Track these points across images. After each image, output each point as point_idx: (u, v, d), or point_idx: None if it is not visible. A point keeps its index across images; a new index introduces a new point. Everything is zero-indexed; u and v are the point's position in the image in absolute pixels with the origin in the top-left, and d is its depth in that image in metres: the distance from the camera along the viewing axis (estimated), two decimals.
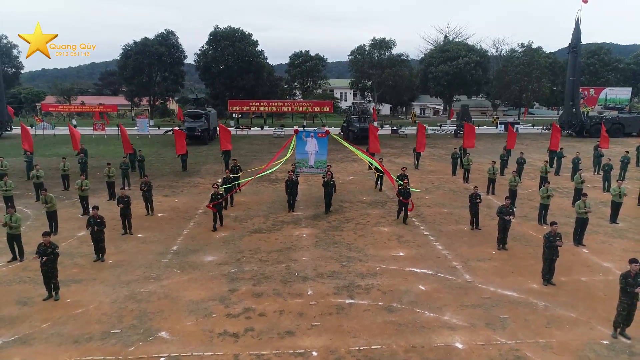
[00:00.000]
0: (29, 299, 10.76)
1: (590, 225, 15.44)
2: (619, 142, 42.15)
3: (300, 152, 19.79)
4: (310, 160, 19.75)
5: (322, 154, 19.78)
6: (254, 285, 11.62)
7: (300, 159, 19.90)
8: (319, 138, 19.66)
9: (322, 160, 19.86)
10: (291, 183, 18.09)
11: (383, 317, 10.00)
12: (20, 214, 17.75)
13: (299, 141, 19.62)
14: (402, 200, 16.59)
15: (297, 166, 19.80)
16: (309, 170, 20.21)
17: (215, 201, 15.48)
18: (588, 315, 10.13)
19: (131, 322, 9.76)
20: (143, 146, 37.16)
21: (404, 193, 16.43)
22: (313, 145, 19.51)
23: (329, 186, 17.77)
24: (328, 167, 19.66)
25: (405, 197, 16.42)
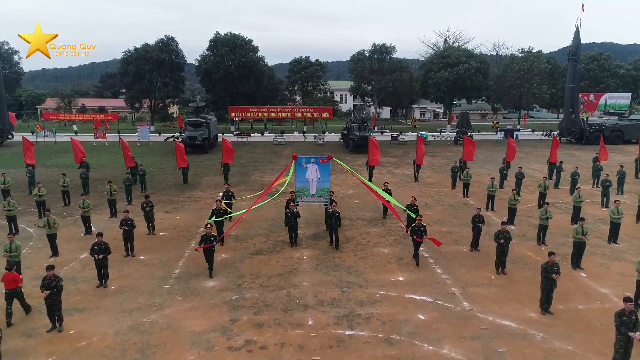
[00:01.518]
0: (33, 330, 10.91)
1: (589, 246, 15.56)
2: (618, 149, 42.37)
3: (300, 180, 17.88)
4: (311, 188, 17.86)
5: (324, 181, 17.84)
6: (255, 314, 11.76)
7: (300, 188, 17.95)
8: (321, 164, 17.72)
9: (325, 188, 17.96)
10: (292, 215, 16.35)
11: (382, 351, 10.14)
12: (23, 232, 18.06)
13: (298, 167, 17.73)
14: (415, 240, 14.68)
15: (297, 195, 17.93)
16: (311, 200, 18.12)
17: (207, 244, 13.58)
18: (585, 348, 10.27)
19: (134, 357, 9.90)
20: (144, 155, 37.58)
21: (418, 231, 14.59)
22: (314, 172, 17.67)
23: (333, 218, 16.15)
24: (331, 194, 18.32)
25: (419, 235, 14.60)
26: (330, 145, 45.94)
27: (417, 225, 14.68)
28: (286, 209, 17.14)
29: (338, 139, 49.91)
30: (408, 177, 29.70)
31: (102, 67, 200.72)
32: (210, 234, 13.68)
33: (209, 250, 13.65)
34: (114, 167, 32.51)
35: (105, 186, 20.55)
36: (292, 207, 16.40)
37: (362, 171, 31.28)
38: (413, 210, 16.45)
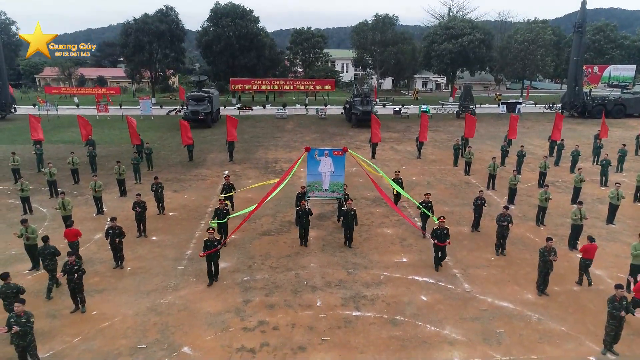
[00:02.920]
0: (57, 312, 11.55)
1: (586, 227, 16.07)
2: (620, 123, 42.49)
3: (312, 174, 16.61)
4: (324, 183, 16.67)
5: (338, 176, 16.64)
6: (266, 296, 12.38)
7: (312, 182, 16.73)
8: (335, 156, 16.44)
9: (339, 183, 16.75)
10: (303, 213, 15.13)
11: (388, 332, 10.79)
12: (37, 212, 18.56)
13: (311, 160, 16.43)
14: (436, 244, 13.58)
15: (309, 190, 16.77)
16: (323, 195, 17.01)
17: (210, 249, 12.55)
18: (578, 330, 10.92)
19: (155, 337, 10.56)
20: (147, 130, 37.71)
21: (440, 235, 13.44)
22: (328, 166, 16.41)
23: (348, 217, 15.06)
24: (345, 190, 17.32)
25: (441, 239, 13.45)
26: (333, 119, 45.99)
27: (440, 227, 13.49)
28: (297, 206, 16.36)
29: (340, 112, 49.82)
30: (410, 153, 30.01)
31: (99, 34, 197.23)
32: (213, 238, 12.69)
33: (214, 254, 12.78)
34: (118, 144, 32.76)
35: (114, 166, 20.89)
36: (304, 205, 15.25)
37: (364, 147, 31.67)
38: (427, 207, 15.62)
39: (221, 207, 15.12)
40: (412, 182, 23.38)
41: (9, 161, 22.61)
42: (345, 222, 15.27)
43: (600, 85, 60.72)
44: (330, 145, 32.79)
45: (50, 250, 12.23)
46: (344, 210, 15.34)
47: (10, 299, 10.21)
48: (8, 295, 10.26)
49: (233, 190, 18.01)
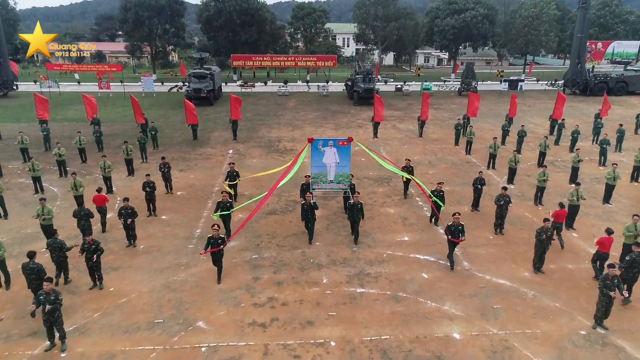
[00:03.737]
0: (77, 288, 12.14)
1: (583, 207, 16.55)
2: (621, 101, 42.60)
3: (317, 165, 16.16)
4: (329, 174, 16.22)
5: (344, 166, 16.19)
6: (275, 273, 12.97)
7: (316, 174, 16.26)
8: (340, 147, 15.98)
9: (345, 174, 16.29)
10: (308, 208, 14.44)
11: (391, 307, 11.40)
12: (48, 192, 19.04)
13: (315, 152, 15.98)
14: (451, 240, 13.03)
15: (313, 182, 16.31)
16: (328, 187, 16.64)
17: (214, 247, 12.09)
18: (571, 306, 11.52)
19: (171, 312, 11.17)
20: (150, 107, 37.89)
21: (455, 231, 12.89)
22: (332, 156, 15.98)
23: (355, 210, 14.41)
24: (352, 181, 16.89)
25: (456, 235, 12.89)
26: (335, 96, 46.02)
27: (455, 224, 12.83)
28: (301, 197, 16.07)
29: (342, 89, 49.80)
30: (412, 132, 30.30)
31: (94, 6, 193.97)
32: (217, 235, 12.06)
33: (218, 253, 12.27)
34: (122, 122, 32.99)
35: (122, 146, 21.24)
36: (309, 198, 14.52)
37: (366, 126, 31.94)
38: (439, 196, 15.19)
39: (224, 200, 14.40)
40: (414, 161, 23.62)
41: (17, 140, 22.94)
42: (351, 215, 14.54)
43: (603, 62, 60.37)
44: (333, 123, 33.07)
45: (85, 212, 14.01)
46: (350, 204, 14.52)
47: (32, 277, 10.79)
48: (31, 273, 10.81)
49: (237, 178, 17.51)
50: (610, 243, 12.36)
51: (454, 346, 10.07)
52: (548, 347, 10.06)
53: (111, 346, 9.97)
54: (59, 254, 12.01)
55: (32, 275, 10.88)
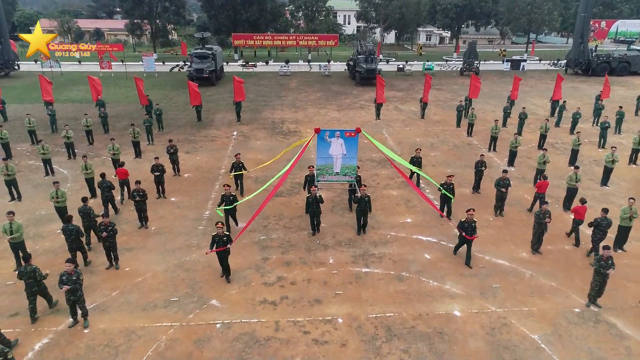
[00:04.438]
0: (95, 268, 12.68)
1: (581, 189, 16.98)
2: (623, 82, 42.62)
3: (323, 157, 15.36)
4: (335, 166, 15.45)
5: (351, 158, 15.42)
6: (283, 254, 13.50)
7: (322, 165, 15.49)
8: (347, 138, 15.17)
9: (351, 166, 15.50)
10: (313, 201, 14.16)
11: (394, 287, 11.96)
12: (58, 174, 19.45)
13: (321, 142, 15.22)
14: (464, 237, 12.69)
15: (319, 174, 15.64)
16: (334, 179, 15.81)
17: (220, 247, 11.69)
18: (566, 285, 12.08)
19: (185, 291, 11.73)
20: (152, 87, 37.93)
21: (468, 228, 12.56)
22: (339, 148, 15.23)
23: (362, 204, 14.14)
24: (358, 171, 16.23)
25: (469, 233, 12.57)
26: (337, 76, 45.96)
27: (468, 220, 12.57)
28: (304, 188, 15.99)
29: (343, 69, 49.65)
30: (414, 114, 30.51)
31: None
32: (223, 234, 11.65)
33: (223, 253, 11.87)
34: (126, 103, 33.14)
35: (129, 128, 21.55)
36: (314, 192, 14.19)
37: (369, 107, 32.13)
38: (449, 189, 14.82)
39: (227, 194, 14.09)
40: (416, 143, 24.08)
41: (24, 122, 23.22)
42: (359, 209, 14.24)
43: (606, 41, 59.96)
44: (335, 105, 33.23)
45: (107, 184, 15.14)
46: (357, 197, 14.20)
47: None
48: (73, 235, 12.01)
49: (244, 169, 17.18)
50: (584, 211, 13.88)
51: (455, 323, 10.65)
52: (544, 323, 10.63)
53: (130, 323, 10.55)
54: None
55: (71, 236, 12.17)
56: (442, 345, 9.94)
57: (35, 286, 10.28)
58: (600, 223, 12.86)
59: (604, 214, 12.91)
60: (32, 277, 10.16)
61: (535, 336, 10.23)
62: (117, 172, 16.79)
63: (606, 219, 12.86)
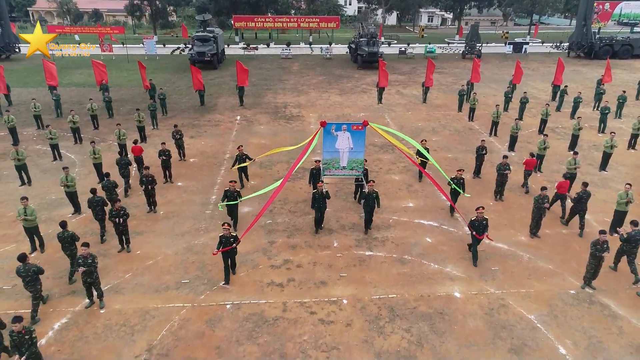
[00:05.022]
0: (107, 251, 13.10)
1: (579, 174, 17.32)
2: (625, 65, 42.59)
3: (329, 151, 14.95)
4: (342, 160, 15.08)
5: (358, 152, 15.04)
6: (288, 237, 13.91)
7: (328, 159, 15.12)
8: (354, 131, 14.72)
9: (358, 160, 15.12)
10: (320, 196, 13.70)
11: (397, 269, 12.40)
12: (66, 159, 19.77)
13: (327, 136, 14.80)
14: (475, 236, 12.40)
15: (325, 168, 15.28)
16: (341, 173, 15.46)
17: (226, 247, 11.41)
18: (563, 268, 12.52)
19: (195, 273, 12.17)
20: (154, 71, 37.96)
21: (479, 226, 12.27)
22: (346, 141, 14.83)
23: (370, 200, 13.76)
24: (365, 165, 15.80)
25: (480, 231, 12.29)
26: (338, 60, 45.86)
27: (478, 219, 12.23)
28: (310, 183, 15.82)
29: (345, 51, 49.47)
30: (416, 98, 30.65)
31: None
32: (229, 234, 11.39)
33: (230, 252, 11.67)
34: (128, 87, 33.24)
35: (134, 113, 21.79)
36: (321, 187, 13.72)
37: (371, 91, 32.24)
38: (459, 184, 14.61)
39: (231, 189, 13.74)
40: (418, 128, 24.37)
41: (30, 107, 23.42)
42: (366, 204, 13.85)
43: (610, 23, 59.49)
44: (337, 89, 33.32)
45: (125, 161, 16.36)
46: (365, 193, 13.91)
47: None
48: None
49: (248, 160, 16.81)
50: (567, 186, 14.92)
51: (455, 304, 11.11)
52: (540, 304, 11.09)
53: (144, 304, 11.01)
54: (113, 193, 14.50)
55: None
56: (443, 325, 10.41)
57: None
58: (582, 196, 13.85)
59: (584, 187, 13.91)
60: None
61: (532, 316, 10.70)
62: (132, 150, 17.92)
63: (586, 192, 13.89)
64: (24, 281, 10.17)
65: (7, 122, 20.53)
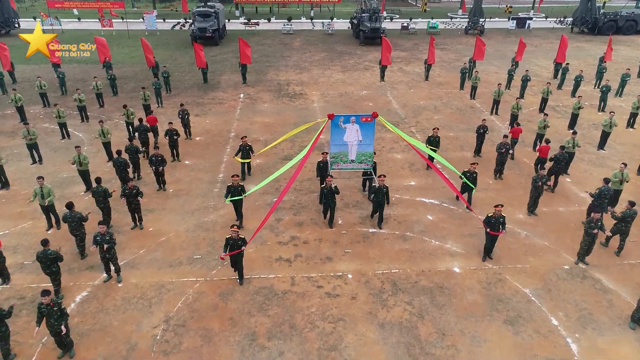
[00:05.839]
0: (120, 228, 13.63)
1: (578, 152, 17.77)
2: (629, 41, 42.37)
3: (337, 144, 14.49)
4: (350, 153, 14.61)
5: (367, 145, 14.57)
6: (295, 215, 14.43)
7: (336, 153, 14.63)
8: (363, 123, 14.22)
9: (367, 153, 14.68)
10: (329, 192, 13.35)
11: (399, 245, 12.95)
12: (74, 138, 20.13)
13: (335, 129, 14.27)
14: (490, 233, 11.97)
15: (333, 162, 14.81)
16: (349, 167, 14.95)
17: (234, 250, 10.93)
18: (558, 244, 13.07)
19: (206, 249, 12.73)
20: (155, 47, 37.64)
21: (496, 223, 11.81)
22: (354, 134, 14.36)
23: (380, 194, 13.33)
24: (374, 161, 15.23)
25: (495, 228, 11.85)
26: (340, 35, 45.53)
27: (496, 216, 11.76)
28: (318, 176, 15.22)
29: (347, 27, 49.02)
30: (419, 75, 30.72)
31: None
32: (237, 237, 10.88)
33: (238, 255, 11.17)
34: (131, 64, 33.24)
35: (140, 92, 22.04)
36: (329, 182, 13.32)
37: (373, 68, 32.28)
38: (472, 179, 14.16)
39: (234, 184, 13.15)
40: (420, 106, 24.62)
41: (35, 85, 23.59)
42: (376, 199, 13.47)
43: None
44: (340, 66, 33.32)
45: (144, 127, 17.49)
46: (375, 187, 13.47)
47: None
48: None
49: (251, 152, 16.29)
50: (547, 150, 16.15)
51: (454, 278, 11.70)
52: (535, 279, 11.69)
53: (159, 278, 11.60)
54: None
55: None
56: (443, 298, 11.02)
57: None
58: (558, 158, 15.47)
59: (561, 150, 15.62)
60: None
61: (527, 290, 11.31)
62: (147, 119, 18.83)
63: (563, 154, 15.59)
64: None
65: (15, 101, 20.78)
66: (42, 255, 10.48)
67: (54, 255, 10.51)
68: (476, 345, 9.72)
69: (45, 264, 10.58)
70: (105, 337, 9.84)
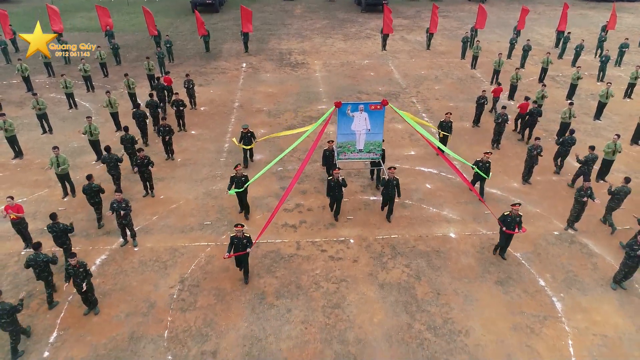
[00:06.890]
0: (132, 196, 14.27)
1: (574, 123, 18.23)
2: (633, 8, 41.94)
3: (344, 133, 13.91)
4: (358, 142, 14.11)
5: (376, 134, 14.07)
6: (299, 184, 15.04)
7: (343, 142, 14.09)
8: (372, 111, 13.68)
9: (376, 142, 14.19)
10: (335, 184, 12.73)
11: (399, 212, 13.63)
12: (81, 108, 20.55)
13: (342, 117, 13.69)
14: (505, 232, 11.38)
15: (340, 152, 14.27)
16: (357, 157, 14.44)
17: (238, 250, 10.60)
18: (550, 212, 13.76)
19: (216, 216, 13.42)
20: (155, 15, 37.34)
21: (511, 223, 11.26)
22: (363, 122, 13.78)
23: (390, 187, 12.75)
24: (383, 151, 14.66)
25: (511, 227, 11.28)
26: (341, 2, 44.92)
27: (513, 215, 11.25)
28: (324, 164, 14.70)
29: None
30: (420, 44, 30.71)
31: None
32: (242, 236, 10.48)
33: (243, 256, 10.81)
34: (132, 32, 33.13)
35: (144, 62, 22.27)
36: (337, 174, 12.67)
37: (375, 37, 32.22)
38: (484, 169, 13.57)
39: (238, 175, 12.68)
40: (421, 76, 24.85)
41: (40, 55, 23.70)
42: (386, 192, 12.89)
43: None
44: (341, 34, 33.22)
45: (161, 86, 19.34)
46: (385, 179, 12.82)
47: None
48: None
49: (253, 139, 15.76)
50: (527, 106, 17.62)
51: (450, 243, 12.44)
52: (526, 244, 12.43)
53: (173, 242, 12.34)
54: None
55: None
56: (439, 261, 11.78)
57: None
58: (533, 112, 17.14)
59: (534, 104, 17.46)
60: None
61: (518, 254, 12.06)
62: (164, 79, 20.33)
63: (537, 109, 17.20)
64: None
65: (22, 71, 21.05)
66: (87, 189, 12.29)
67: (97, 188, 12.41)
68: (468, 304, 10.54)
69: (89, 195, 12.44)
70: (126, 296, 10.65)
